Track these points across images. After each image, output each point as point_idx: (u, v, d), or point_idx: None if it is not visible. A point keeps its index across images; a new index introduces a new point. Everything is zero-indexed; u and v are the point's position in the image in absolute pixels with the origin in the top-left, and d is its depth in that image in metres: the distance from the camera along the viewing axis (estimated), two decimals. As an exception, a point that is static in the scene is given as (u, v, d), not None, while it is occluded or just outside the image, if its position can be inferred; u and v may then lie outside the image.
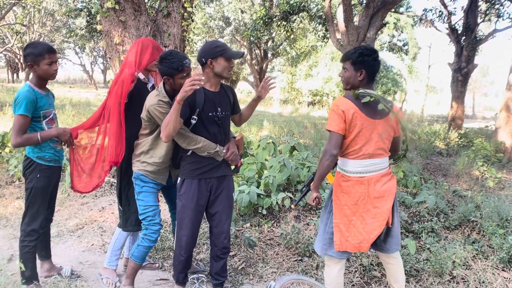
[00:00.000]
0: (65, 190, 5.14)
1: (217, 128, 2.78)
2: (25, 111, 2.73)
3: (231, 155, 2.83)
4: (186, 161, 2.80)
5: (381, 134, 2.56)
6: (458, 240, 4.19)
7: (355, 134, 2.52)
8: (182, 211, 2.82)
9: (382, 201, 2.58)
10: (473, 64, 12.76)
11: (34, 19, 24.34)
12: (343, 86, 2.70)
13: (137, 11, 5.70)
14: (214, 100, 2.74)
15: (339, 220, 2.62)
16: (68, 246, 3.97)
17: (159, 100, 2.78)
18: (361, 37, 8.60)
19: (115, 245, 3.29)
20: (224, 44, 2.73)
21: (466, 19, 12.62)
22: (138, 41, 3.15)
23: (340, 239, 2.62)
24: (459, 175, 7.44)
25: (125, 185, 3.17)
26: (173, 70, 2.73)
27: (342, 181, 2.63)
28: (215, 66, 2.66)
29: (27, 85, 2.86)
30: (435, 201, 4.81)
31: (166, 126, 2.53)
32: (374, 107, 2.53)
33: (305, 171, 5.07)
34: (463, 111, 13.36)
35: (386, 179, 2.62)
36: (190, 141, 2.69)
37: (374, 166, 2.58)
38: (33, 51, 2.79)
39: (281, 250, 3.99)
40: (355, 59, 2.56)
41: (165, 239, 4.05)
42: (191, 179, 2.79)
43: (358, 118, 2.49)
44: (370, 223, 2.57)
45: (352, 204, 2.58)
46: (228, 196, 2.94)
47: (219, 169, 2.85)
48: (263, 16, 12.83)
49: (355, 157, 2.56)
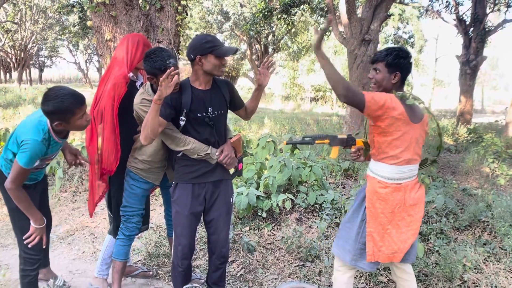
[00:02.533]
0: (55, 195, 4.92)
1: (208, 129, 2.54)
2: (27, 164, 2.31)
3: (225, 158, 2.58)
4: (178, 163, 2.59)
5: (418, 138, 2.45)
6: (469, 241, 4.02)
7: (396, 136, 2.36)
8: (176, 218, 2.61)
9: (416, 208, 2.49)
10: (482, 57, 12.43)
11: (26, 17, 24.01)
12: (373, 89, 2.54)
13: (128, 5, 5.47)
14: (204, 100, 2.50)
15: (373, 229, 2.49)
16: (58, 254, 3.77)
17: (143, 99, 2.61)
18: (365, 29, 8.32)
19: (105, 253, 3.14)
20: (215, 39, 2.46)
21: (474, 9, 12.30)
22: (127, 37, 2.95)
23: (373, 249, 2.49)
24: (468, 172, 7.18)
25: (115, 191, 2.99)
26: (155, 70, 2.52)
27: (379, 187, 2.47)
28: (204, 64, 2.42)
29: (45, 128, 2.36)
30: (444, 200, 4.58)
31: (144, 127, 2.32)
32: (414, 110, 2.42)
33: (307, 171, 4.83)
34: (472, 106, 13.07)
35: (417, 186, 2.54)
36: (178, 142, 2.48)
37: (410, 172, 2.46)
38: (60, 106, 2.25)
39: (282, 255, 3.77)
40: (391, 61, 2.42)
41: (159, 245, 3.83)
42: (184, 183, 2.57)
43: (402, 120, 2.33)
44: (404, 232, 2.47)
45: (389, 212, 2.45)
46: (225, 202, 2.71)
47: (214, 173, 2.62)
48: (262, 9, 12.54)
49: (395, 162, 2.41)
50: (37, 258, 2.64)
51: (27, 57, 27.97)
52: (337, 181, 6.02)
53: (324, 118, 15.17)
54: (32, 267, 2.63)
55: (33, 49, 28.99)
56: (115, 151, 2.77)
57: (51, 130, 2.41)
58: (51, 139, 2.43)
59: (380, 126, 2.35)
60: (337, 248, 2.69)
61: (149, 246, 3.79)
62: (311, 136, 2.73)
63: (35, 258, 2.63)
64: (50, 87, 2.38)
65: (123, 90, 2.77)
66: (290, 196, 4.43)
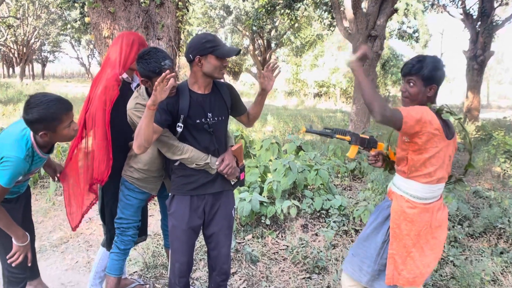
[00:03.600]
0: (50, 199, 4.72)
1: (208, 137, 2.32)
2: (8, 184, 2.09)
3: (226, 168, 2.35)
4: (175, 174, 2.37)
5: (450, 155, 2.27)
6: (484, 250, 3.82)
7: (432, 154, 2.17)
8: (173, 233, 2.40)
9: (440, 230, 2.32)
10: (490, 51, 12.19)
11: (28, 12, 23.76)
12: (405, 103, 2.29)
13: (127, 1, 5.24)
14: (203, 105, 2.28)
15: (395, 251, 2.30)
16: (50, 263, 3.58)
17: (137, 104, 2.41)
18: (371, 24, 8.07)
19: (98, 266, 2.95)
20: (216, 39, 2.25)
21: (481, 3, 12.05)
22: (121, 35, 2.74)
23: (393, 272, 2.30)
24: (479, 172, 6.95)
25: (108, 200, 2.79)
26: (149, 72, 2.31)
27: (407, 207, 2.27)
28: (204, 65, 2.20)
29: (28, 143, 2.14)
30: (457, 205, 4.37)
31: (137, 135, 2.11)
32: (448, 125, 2.24)
33: (313, 174, 4.61)
34: (479, 102, 12.82)
35: (442, 206, 2.36)
36: (175, 150, 2.27)
37: (439, 191, 2.29)
38: (45, 114, 2.03)
39: (287, 266, 3.56)
40: (427, 74, 2.20)
41: (157, 255, 3.63)
42: (181, 195, 2.36)
43: (439, 136, 2.14)
44: (428, 256, 2.29)
45: (415, 234, 2.25)
46: (226, 215, 2.49)
47: (214, 184, 2.40)
48: (265, 4, 12.29)
49: (427, 181, 2.22)
50: (22, 277, 2.45)
51: (30, 52, 27.79)
52: (344, 184, 5.82)
53: (328, 114, 14.94)
54: (17, 286, 2.43)
55: (36, 44, 28.82)
56: (106, 159, 2.57)
57: (35, 145, 2.19)
58: (34, 154, 2.21)
59: (417, 143, 2.15)
60: (351, 267, 2.49)
61: (146, 256, 3.59)
62: (332, 129, 2.54)
63: (20, 277, 2.43)
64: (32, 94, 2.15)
65: (115, 94, 2.57)
66: (296, 202, 4.21)
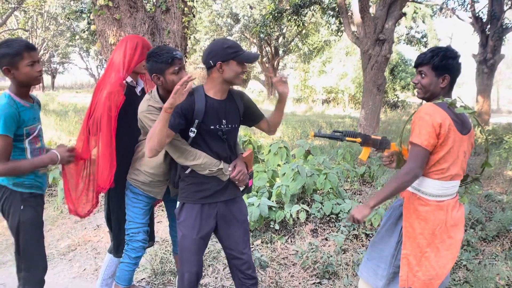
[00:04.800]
0: (58, 207, 4.70)
1: (221, 143, 2.28)
2: (6, 130, 2.16)
3: (238, 174, 2.31)
4: (185, 181, 2.31)
5: (465, 152, 2.19)
6: (498, 254, 3.74)
7: (446, 151, 2.11)
8: (183, 243, 2.33)
9: (456, 230, 2.23)
10: (500, 55, 12.05)
11: (37, 24, 24.05)
12: (419, 95, 2.29)
13: (132, 7, 5.26)
14: (218, 111, 2.23)
15: (409, 251, 2.22)
16: (58, 272, 3.55)
17: (150, 106, 2.37)
18: (379, 28, 8.00)
19: (105, 273, 2.92)
20: (237, 44, 2.22)
21: (491, 6, 11.93)
22: (125, 39, 2.71)
23: (407, 273, 2.22)
24: (491, 176, 6.82)
25: (114, 206, 2.76)
26: (162, 64, 2.30)
27: (419, 205, 2.21)
28: (226, 71, 2.15)
29: (5, 95, 2.26)
30: (469, 209, 4.28)
31: (150, 138, 2.06)
32: (462, 120, 2.16)
33: (322, 178, 4.55)
34: (490, 106, 12.66)
35: (458, 205, 2.27)
36: (187, 155, 2.21)
37: (453, 189, 2.20)
38: (8, 51, 2.20)
39: (296, 271, 3.49)
40: (438, 63, 2.15)
41: (165, 261, 3.59)
42: (192, 203, 2.30)
43: (452, 132, 2.09)
44: (444, 256, 2.19)
45: (429, 233, 2.18)
46: (242, 221, 2.44)
47: (226, 192, 2.34)
48: (272, 10, 12.30)
49: (440, 177, 2.15)
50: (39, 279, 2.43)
51: (39, 64, 28.09)
52: (354, 188, 5.73)
53: (337, 120, 14.86)
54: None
55: (45, 56, 29.16)
56: (109, 166, 2.53)
57: (12, 95, 2.28)
58: (16, 102, 2.26)
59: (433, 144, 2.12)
60: (366, 272, 2.42)
61: (154, 262, 3.54)
62: (342, 131, 2.49)
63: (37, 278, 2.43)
64: None
65: (121, 100, 2.54)
66: (305, 206, 4.15)
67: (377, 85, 8.14)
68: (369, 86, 8.20)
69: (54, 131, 10.07)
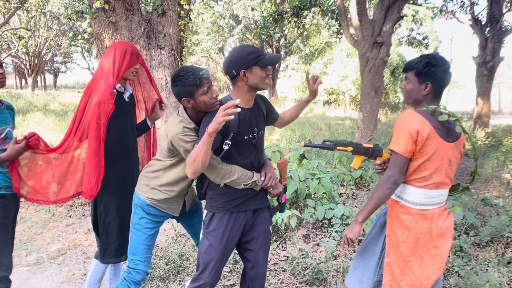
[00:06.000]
0: (49, 210, 4.70)
1: (254, 152, 2.26)
2: None
3: (269, 180, 2.26)
4: (215, 191, 2.26)
5: (451, 160, 2.16)
6: (491, 260, 3.71)
7: (426, 157, 2.10)
8: (209, 253, 2.25)
9: (442, 240, 2.19)
10: (499, 57, 12.01)
11: (39, 23, 24.11)
12: (404, 100, 2.31)
13: (129, 10, 5.26)
14: (251, 120, 2.22)
15: (392, 259, 2.21)
16: (47, 276, 3.54)
17: (185, 127, 2.22)
18: (377, 31, 7.98)
19: (91, 279, 2.88)
20: (257, 49, 2.16)
21: (490, 8, 11.89)
22: (114, 45, 2.69)
23: (390, 282, 2.21)
24: (488, 179, 6.79)
25: (101, 211, 2.72)
26: (190, 87, 2.19)
27: (402, 213, 2.19)
28: (250, 78, 2.11)
29: None
30: (463, 214, 4.25)
31: (194, 161, 2.00)
32: (447, 127, 2.15)
33: (315, 183, 4.53)
34: (490, 108, 12.62)
35: (446, 214, 2.24)
36: (224, 174, 2.15)
37: (438, 198, 2.18)
38: None
39: (286, 278, 3.48)
40: (420, 70, 2.16)
41: (154, 267, 3.56)
42: (223, 213, 2.25)
43: (432, 139, 2.08)
44: (428, 266, 2.16)
45: (412, 242, 2.16)
46: (265, 231, 2.41)
47: (255, 200, 2.31)
48: (272, 12, 12.29)
49: (422, 185, 2.14)
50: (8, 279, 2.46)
51: (41, 63, 28.19)
52: (349, 192, 5.72)
53: (337, 122, 14.82)
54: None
55: (47, 55, 29.25)
56: (96, 174, 2.51)
57: None
58: None
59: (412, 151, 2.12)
60: (353, 281, 2.41)
61: (144, 267, 3.52)
62: (332, 141, 2.50)
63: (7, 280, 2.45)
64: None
65: (110, 108, 2.53)
66: (296, 212, 4.13)
67: (375, 88, 8.12)
68: (366, 88, 8.17)
69: (53, 131, 10.08)
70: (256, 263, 2.39)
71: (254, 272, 2.40)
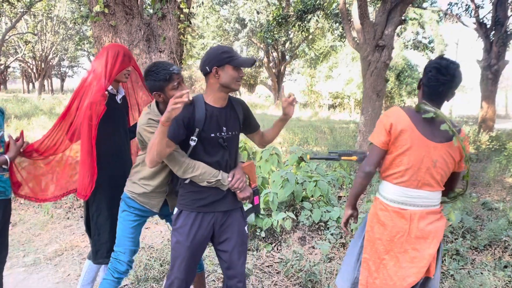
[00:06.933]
0: (48, 212, 4.74)
1: (221, 151, 2.27)
2: None
3: (237, 182, 2.28)
4: (185, 188, 2.30)
5: (435, 161, 2.11)
6: (488, 264, 3.68)
7: (401, 151, 2.11)
8: (176, 249, 2.31)
9: (424, 243, 2.13)
10: (504, 61, 11.94)
11: (46, 28, 24.36)
12: None
13: (128, 14, 5.31)
14: (219, 118, 2.24)
15: (369, 255, 2.21)
16: (43, 276, 3.57)
17: (150, 119, 2.35)
18: (378, 34, 7.97)
19: (84, 279, 2.90)
20: (232, 50, 2.24)
21: (495, 12, 11.84)
22: (106, 48, 2.72)
23: (367, 278, 2.20)
24: (490, 183, 6.73)
25: (93, 212, 2.75)
26: (160, 82, 2.30)
27: (379, 209, 2.21)
28: (222, 76, 2.16)
29: None
30: (461, 217, 4.22)
31: (150, 150, 2.08)
32: (435, 127, 2.12)
33: (312, 185, 4.52)
34: (495, 112, 12.51)
35: (433, 218, 2.16)
36: (186, 168, 2.20)
37: (420, 199, 2.13)
38: None
39: (280, 280, 3.48)
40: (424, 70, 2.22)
41: (149, 268, 3.58)
42: (189, 211, 2.29)
43: (409, 133, 2.08)
44: (405, 268, 2.12)
45: (387, 239, 2.15)
46: (239, 231, 2.41)
47: (224, 202, 2.32)
48: (276, 16, 12.33)
49: (398, 182, 2.13)
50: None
51: (48, 68, 28.48)
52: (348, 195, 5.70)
53: (341, 126, 14.81)
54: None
55: (54, 59, 29.53)
56: (90, 174, 2.54)
57: None
58: None
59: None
60: (340, 277, 2.40)
61: (138, 268, 3.55)
62: (337, 151, 2.54)
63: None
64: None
65: (102, 109, 2.55)
66: (291, 214, 4.13)
67: (376, 91, 8.10)
68: (368, 92, 8.17)
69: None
70: (231, 263, 2.40)
71: (231, 273, 2.41)
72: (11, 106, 16.36)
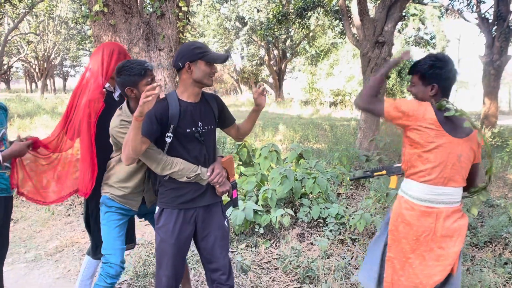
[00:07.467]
0: (49, 209, 4.78)
1: (198, 146, 2.29)
2: None
3: (216, 176, 2.31)
4: (165, 186, 2.32)
5: (459, 156, 2.11)
6: (488, 260, 3.68)
7: (427, 149, 2.10)
8: (162, 248, 2.33)
9: (450, 241, 2.13)
10: (507, 56, 11.86)
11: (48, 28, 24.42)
12: None
13: (128, 13, 5.32)
14: (193, 113, 2.26)
15: (393, 254, 2.22)
16: (43, 272, 3.61)
17: (122, 121, 2.37)
18: (378, 30, 7.96)
19: (83, 274, 2.93)
20: (205, 46, 2.26)
21: (497, 7, 11.77)
22: (102, 46, 2.76)
23: (392, 276, 2.21)
24: (491, 180, 6.71)
25: (93, 208, 2.78)
26: (135, 77, 2.31)
27: (404, 208, 2.19)
28: (194, 71, 2.19)
29: None
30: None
31: (125, 146, 2.09)
32: (456, 124, 2.13)
33: (311, 182, 4.54)
34: (497, 108, 12.45)
35: (457, 216, 2.16)
36: (164, 165, 2.21)
37: (447, 196, 2.13)
38: None
39: (278, 276, 3.50)
40: (424, 72, 2.18)
41: (148, 263, 3.62)
42: (171, 209, 2.31)
43: (434, 130, 2.07)
44: (431, 266, 2.13)
45: (413, 239, 2.15)
46: (219, 226, 2.43)
47: (205, 197, 2.35)
48: (276, 13, 12.32)
49: (426, 180, 2.12)
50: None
51: (50, 67, 28.55)
52: (348, 192, 5.71)
53: (342, 123, 14.79)
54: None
55: (56, 59, 29.60)
56: (91, 171, 2.57)
57: None
58: None
59: (409, 137, 2.13)
60: (363, 275, 2.42)
61: (137, 264, 3.58)
62: (370, 169, 2.66)
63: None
64: None
65: (100, 107, 2.58)
66: (290, 211, 4.14)
67: (376, 88, 8.09)
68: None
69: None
70: (213, 257, 2.42)
71: (214, 266, 2.43)
72: (14, 105, 16.44)
